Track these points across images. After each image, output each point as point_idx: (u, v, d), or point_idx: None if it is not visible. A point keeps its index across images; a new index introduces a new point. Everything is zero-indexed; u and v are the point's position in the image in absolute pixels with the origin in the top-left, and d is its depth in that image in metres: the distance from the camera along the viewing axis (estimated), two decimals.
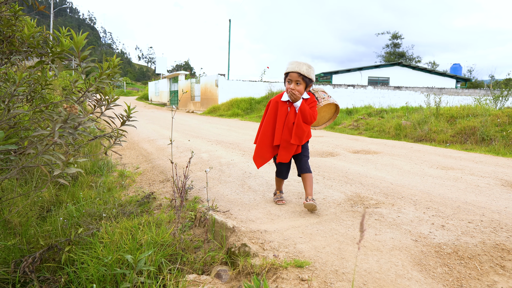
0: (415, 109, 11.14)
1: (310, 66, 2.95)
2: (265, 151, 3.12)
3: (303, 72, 2.92)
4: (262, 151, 3.14)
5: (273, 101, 3.15)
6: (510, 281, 1.94)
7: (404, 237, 2.43)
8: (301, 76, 2.93)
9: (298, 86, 2.96)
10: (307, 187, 3.07)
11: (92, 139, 2.23)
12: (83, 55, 1.99)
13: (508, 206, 3.14)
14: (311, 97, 3.10)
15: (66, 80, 8.01)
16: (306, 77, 2.95)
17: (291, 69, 2.94)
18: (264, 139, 3.12)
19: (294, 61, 2.95)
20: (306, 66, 2.93)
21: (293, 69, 2.92)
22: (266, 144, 3.11)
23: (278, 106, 3.10)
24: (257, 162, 3.17)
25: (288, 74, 2.98)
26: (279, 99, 3.12)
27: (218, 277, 2.19)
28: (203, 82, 22.65)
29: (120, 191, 4.07)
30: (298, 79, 2.94)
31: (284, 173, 3.28)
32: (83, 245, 2.59)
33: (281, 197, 3.31)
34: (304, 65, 2.93)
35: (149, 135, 8.56)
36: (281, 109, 3.07)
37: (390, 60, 47.77)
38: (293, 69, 2.92)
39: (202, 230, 2.84)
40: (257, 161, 3.16)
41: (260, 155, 3.15)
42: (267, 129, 3.11)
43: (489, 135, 7.41)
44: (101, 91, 2.20)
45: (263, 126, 3.17)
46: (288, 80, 2.98)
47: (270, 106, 3.16)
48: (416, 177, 4.27)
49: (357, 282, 1.86)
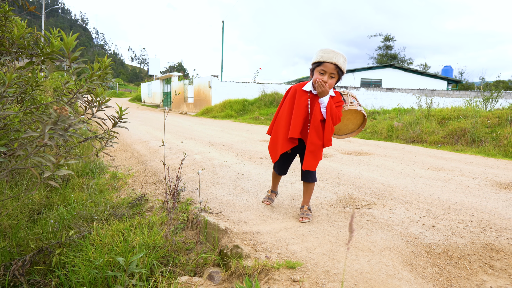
0: (407, 111, 11.23)
1: (345, 58, 2.58)
2: (280, 144, 2.76)
3: (340, 65, 2.52)
4: (276, 144, 2.80)
5: (293, 89, 2.78)
6: (498, 280, 1.96)
7: (395, 238, 2.45)
8: (337, 68, 2.53)
9: (330, 80, 2.57)
10: (307, 195, 2.89)
11: (83, 140, 2.22)
12: (73, 56, 1.97)
13: (497, 206, 3.18)
14: (337, 95, 2.73)
15: (57, 81, 7.94)
16: (341, 71, 2.57)
17: (327, 59, 2.51)
18: (279, 131, 2.78)
19: (329, 50, 2.53)
20: (342, 57, 2.54)
21: (330, 59, 2.51)
22: (281, 137, 2.75)
23: (297, 94, 2.71)
24: (272, 154, 2.85)
25: (321, 63, 2.55)
26: (299, 87, 2.73)
27: (210, 278, 2.19)
28: (196, 83, 22.61)
29: (112, 193, 4.05)
30: (333, 72, 2.54)
31: (284, 168, 2.98)
32: (74, 247, 2.57)
33: (269, 197, 3.14)
34: (341, 56, 2.53)
35: (141, 137, 8.52)
36: (299, 99, 2.68)
37: (382, 62, 48.11)
38: (330, 59, 2.51)
39: (194, 232, 2.84)
40: (272, 153, 2.85)
41: (275, 146, 2.82)
42: (283, 120, 2.76)
43: (479, 137, 7.50)
44: (92, 92, 2.19)
45: (278, 116, 2.84)
46: (321, 71, 2.56)
47: (289, 94, 2.80)
48: (407, 178, 4.30)
49: (348, 283, 1.87)
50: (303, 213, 2.83)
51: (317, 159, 2.68)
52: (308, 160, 2.65)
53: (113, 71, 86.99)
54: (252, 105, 18.01)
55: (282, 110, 2.80)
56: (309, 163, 2.66)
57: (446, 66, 32.56)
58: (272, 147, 2.83)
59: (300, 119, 2.65)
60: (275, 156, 2.82)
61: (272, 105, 17.35)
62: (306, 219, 2.77)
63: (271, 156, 2.85)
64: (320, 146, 2.65)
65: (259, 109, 17.14)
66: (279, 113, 2.85)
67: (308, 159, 2.65)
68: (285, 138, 2.71)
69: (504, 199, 3.41)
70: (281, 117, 2.78)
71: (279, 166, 3.00)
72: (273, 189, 3.20)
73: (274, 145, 2.81)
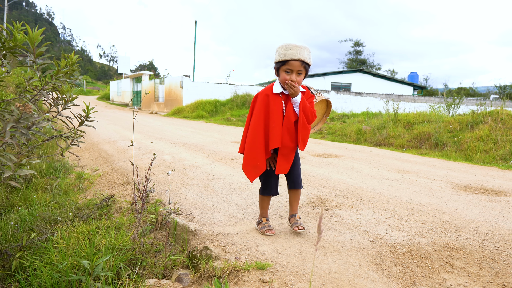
0: (375, 115, 11.56)
1: (309, 49, 2.38)
2: (259, 159, 2.45)
3: (305, 59, 2.33)
4: (254, 159, 2.46)
5: (261, 95, 2.49)
6: (458, 278, 2.06)
7: (362, 238, 2.51)
8: (303, 64, 2.34)
9: (299, 77, 2.37)
10: (294, 203, 2.66)
11: (47, 139, 2.14)
12: (39, 51, 1.90)
13: (458, 207, 3.33)
14: (307, 91, 2.54)
15: (20, 77, 7.60)
16: (308, 65, 2.39)
17: (291, 56, 2.31)
18: (256, 143, 2.45)
19: (291, 45, 2.32)
20: (306, 50, 2.34)
21: (294, 56, 2.30)
22: (259, 150, 2.44)
23: (270, 100, 2.45)
24: (249, 174, 2.50)
25: (286, 62, 2.34)
26: (269, 91, 2.47)
27: (179, 281, 2.16)
28: (168, 83, 22.29)
29: (77, 194, 3.92)
30: (300, 69, 2.34)
31: (273, 187, 2.61)
32: (36, 250, 2.47)
33: (269, 225, 2.61)
34: (305, 50, 2.33)
35: (110, 136, 8.30)
36: (274, 104, 2.43)
37: (352, 66, 49.33)
38: (294, 56, 2.30)
39: (163, 234, 2.79)
40: (250, 172, 2.50)
41: (252, 164, 2.47)
42: (258, 131, 2.44)
43: (442, 141, 7.83)
44: (58, 89, 2.12)
45: (251, 128, 2.49)
46: (287, 70, 2.35)
47: (257, 102, 2.49)
48: (374, 180, 4.43)
49: (316, 283, 1.90)
50: (296, 222, 2.58)
51: (289, 162, 2.49)
52: (281, 164, 2.46)
53: (81, 68, 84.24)
54: (224, 106, 17.96)
55: (255, 121, 2.47)
56: (282, 167, 2.46)
57: (412, 73, 33.83)
58: (250, 164, 2.48)
59: (279, 126, 2.42)
60: (255, 173, 2.49)
61: (244, 107, 17.37)
62: (302, 228, 2.53)
63: (250, 175, 2.50)
64: (293, 148, 2.47)
65: (231, 110, 17.12)
66: (251, 125, 2.49)
67: (280, 162, 2.46)
68: (267, 151, 2.47)
69: (464, 201, 3.58)
70: (256, 129, 2.45)
71: (266, 186, 2.61)
72: (266, 216, 2.69)
73: (252, 162, 2.47)
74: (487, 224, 2.85)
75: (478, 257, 2.26)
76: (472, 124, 7.99)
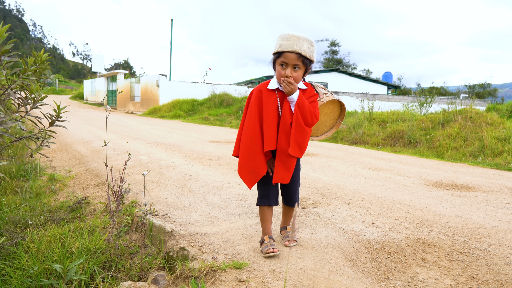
0: (351, 114, 11.76)
1: (312, 42, 2.11)
2: (257, 161, 2.16)
3: (304, 53, 2.05)
4: (251, 162, 2.17)
5: (256, 91, 2.23)
6: (430, 272, 2.12)
7: (337, 235, 2.55)
8: (301, 58, 2.06)
9: (295, 72, 2.10)
10: (287, 217, 2.47)
11: (15, 140, 2.07)
12: (5, 49, 1.83)
13: (430, 203, 3.43)
14: (309, 89, 2.25)
15: None
16: (307, 59, 2.11)
17: (287, 48, 2.04)
18: (252, 144, 2.16)
19: (290, 35, 2.06)
20: (307, 42, 2.07)
21: (290, 48, 2.04)
22: (256, 151, 2.15)
23: (263, 96, 2.19)
24: (246, 179, 2.21)
25: (281, 54, 2.08)
26: (263, 87, 2.22)
27: (155, 282, 2.14)
28: (144, 82, 21.93)
29: (49, 196, 3.80)
30: (297, 63, 2.07)
31: (271, 196, 2.28)
32: (5, 255, 2.38)
33: (271, 244, 2.20)
34: (305, 41, 2.06)
35: (83, 137, 8.10)
36: (267, 101, 2.16)
37: (328, 66, 49.95)
38: (290, 47, 2.04)
39: (139, 235, 2.75)
40: (247, 177, 2.20)
41: (249, 167, 2.18)
42: (254, 130, 2.17)
43: (415, 139, 8.05)
44: (26, 88, 2.05)
45: (246, 127, 2.21)
46: (282, 63, 2.09)
47: (252, 99, 2.24)
48: (350, 178, 4.51)
49: (293, 280, 1.92)
50: (287, 235, 2.40)
51: (291, 170, 2.17)
52: (279, 172, 2.15)
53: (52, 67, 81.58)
54: (202, 105, 17.84)
55: (250, 120, 2.20)
56: (281, 175, 2.15)
57: (386, 72, 34.57)
58: (247, 168, 2.19)
59: (273, 126, 2.14)
60: (254, 178, 2.19)
61: (221, 106, 17.31)
62: (294, 242, 2.34)
63: (248, 180, 2.21)
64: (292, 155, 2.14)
65: (208, 110, 17.02)
66: (246, 125, 2.22)
67: (279, 170, 2.15)
68: (261, 153, 2.18)
69: (436, 197, 3.69)
70: (252, 128, 2.17)
71: (264, 195, 2.28)
72: (268, 233, 2.29)
73: (250, 165, 2.18)
74: (457, 218, 2.95)
75: (449, 251, 2.33)
76: (443, 122, 8.25)
